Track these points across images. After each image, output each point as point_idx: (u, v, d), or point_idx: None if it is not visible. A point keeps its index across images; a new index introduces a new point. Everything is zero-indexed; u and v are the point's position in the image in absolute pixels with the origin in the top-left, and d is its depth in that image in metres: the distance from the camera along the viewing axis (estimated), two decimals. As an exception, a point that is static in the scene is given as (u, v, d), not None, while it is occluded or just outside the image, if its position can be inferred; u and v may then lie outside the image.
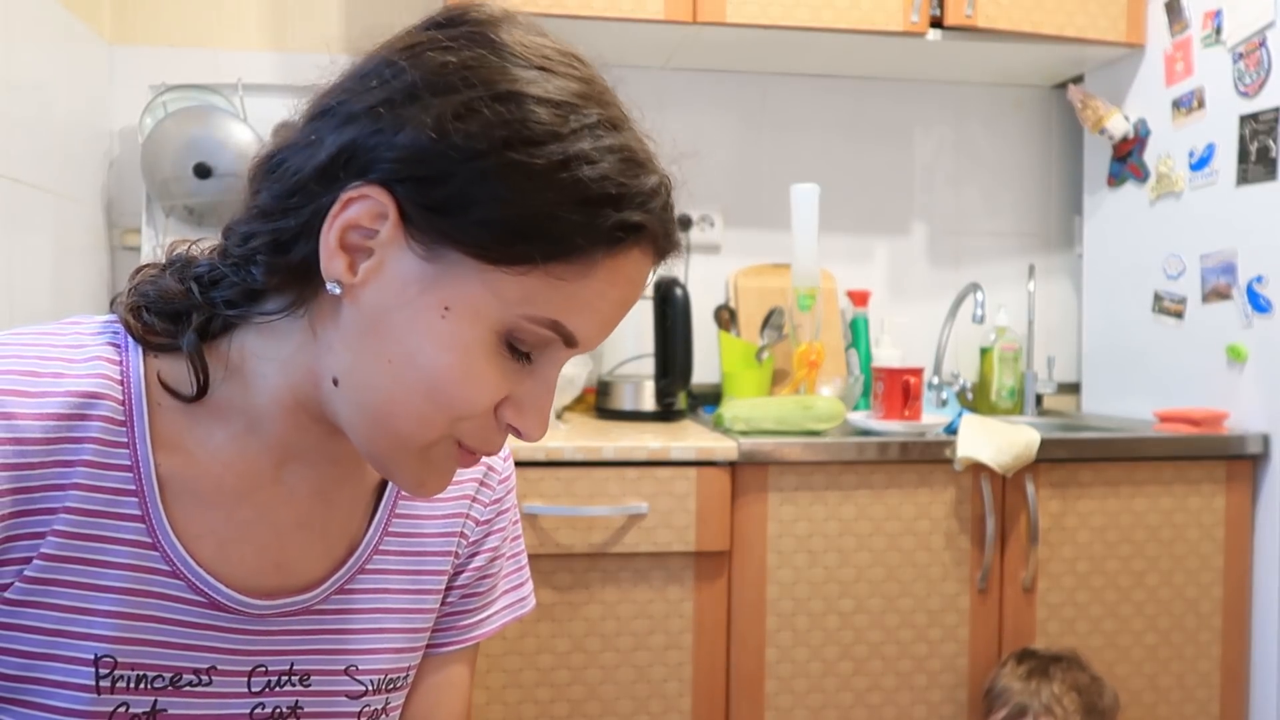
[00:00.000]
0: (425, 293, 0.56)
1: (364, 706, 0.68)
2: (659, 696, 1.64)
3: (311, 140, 0.59)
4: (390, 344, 0.57)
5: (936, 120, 2.39)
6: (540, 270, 0.56)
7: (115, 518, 0.59)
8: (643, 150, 0.60)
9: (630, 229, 0.57)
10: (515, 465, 1.69)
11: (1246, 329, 1.85)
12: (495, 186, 0.54)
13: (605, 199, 0.56)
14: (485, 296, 0.56)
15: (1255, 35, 1.83)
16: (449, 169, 0.55)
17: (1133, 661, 1.78)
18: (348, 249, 0.57)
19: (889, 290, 2.36)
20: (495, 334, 0.57)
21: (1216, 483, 1.80)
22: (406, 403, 0.58)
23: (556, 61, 0.59)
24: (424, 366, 0.57)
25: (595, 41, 2.42)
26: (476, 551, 0.77)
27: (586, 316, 0.58)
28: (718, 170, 2.31)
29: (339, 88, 0.60)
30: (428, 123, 0.55)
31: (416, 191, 0.55)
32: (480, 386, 0.58)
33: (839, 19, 1.94)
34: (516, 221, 0.55)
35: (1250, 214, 1.84)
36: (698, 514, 1.63)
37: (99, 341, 0.62)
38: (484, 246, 0.55)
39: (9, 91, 1.57)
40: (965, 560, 1.72)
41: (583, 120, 0.57)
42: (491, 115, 0.55)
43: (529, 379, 0.60)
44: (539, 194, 0.54)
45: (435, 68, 0.56)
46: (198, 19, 2.12)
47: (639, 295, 0.61)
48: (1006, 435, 1.70)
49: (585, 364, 1.86)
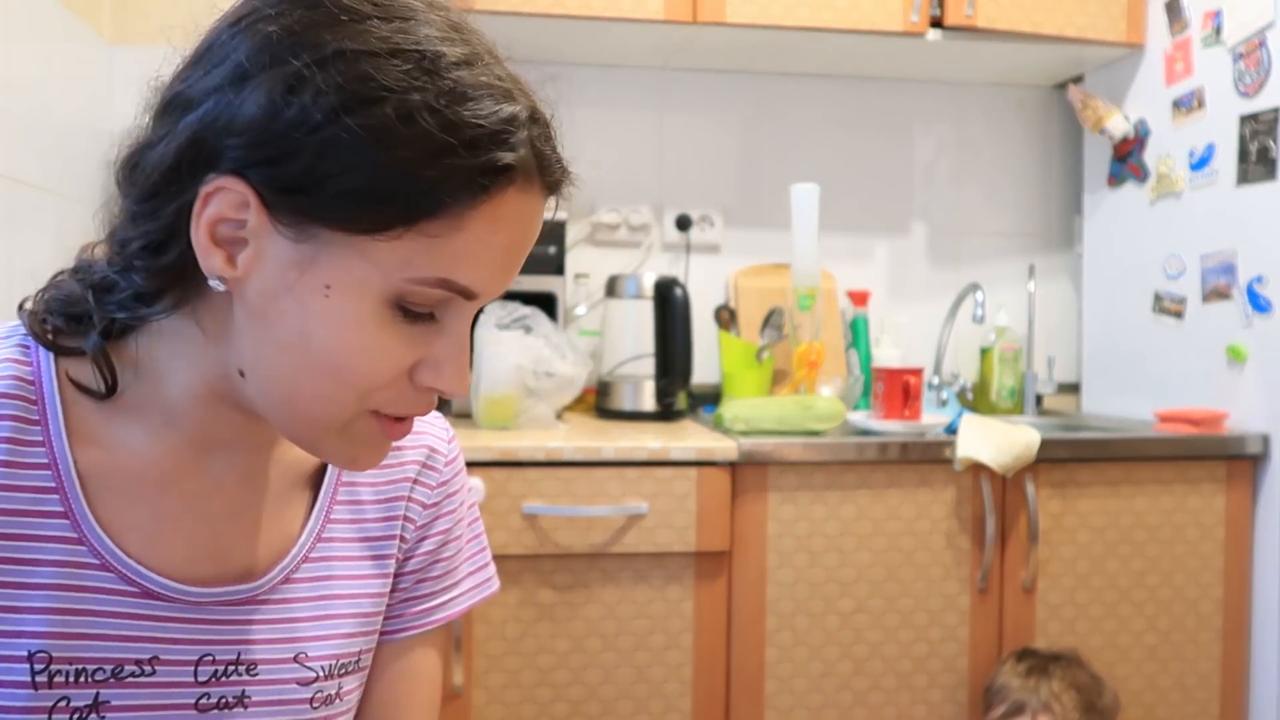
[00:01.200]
0: (304, 275, 0.55)
1: (316, 692, 0.68)
2: (659, 696, 1.64)
3: (161, 136, 0.57)
4: (282, 331, 0.56)
5: (937, 120, 2.39)
6: (412, 231, 0.54)
7: (38, 515, 0.59)
8: (500, 84, 0.56)
9: (495, 171, 0.54)
10: (515, 465, 1.69)
11: (1246, 329, 1.85)
12: (342, 156, 0.52)
13: (460, 145, 0.53)
14: (364, 268, 0.54)
15: (1255, 35, 1.83)
16: (291, 146, 0.53)
17: (1133, 661, 1.78)
18: (221, 243, 0.55)
19: (889, 290, 2.36)
20: (384, 303, 0.55)
21: (1216, 483, 1.80)
22: (311, 385, 0.57)
23: (391, 8, 0.55)
24: (319, 349, 0.56)
25: (595, 41, 2.41)
26: (425, 535, 0.76)
27: (475, 268, 0.56)
28: (718, 170, 2.31)
29: (179, 75, 0.59)
30: (262, 101, 0.53)
31: (268, 175, 0.53)
32: (380, 358, 0.56)
33: (839, 19, 1.94)
34: (372, 187, 0.52)
35: (1250, 214, 1.84)
36: (698, 514, 1.63)
37: (7, 344, 0.62)
38: (347, 219, 0.53)
39: (9, 91, 1.57)
40: (965, 560, 1.72)
41: (426, 64, 0.53)
42: (322, 82, 0.52)
43: (438, 338, 0.58)
44: (387, 154, 0.52)
45: (261, 40, 0.54)
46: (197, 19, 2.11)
47: (531, 235, 0.59)
48: (1006, 435, 1.70)
49: (585, 364, 1.86)
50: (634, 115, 2.25)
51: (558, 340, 1.85)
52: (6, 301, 1.57)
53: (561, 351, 1.83)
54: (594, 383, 2.10)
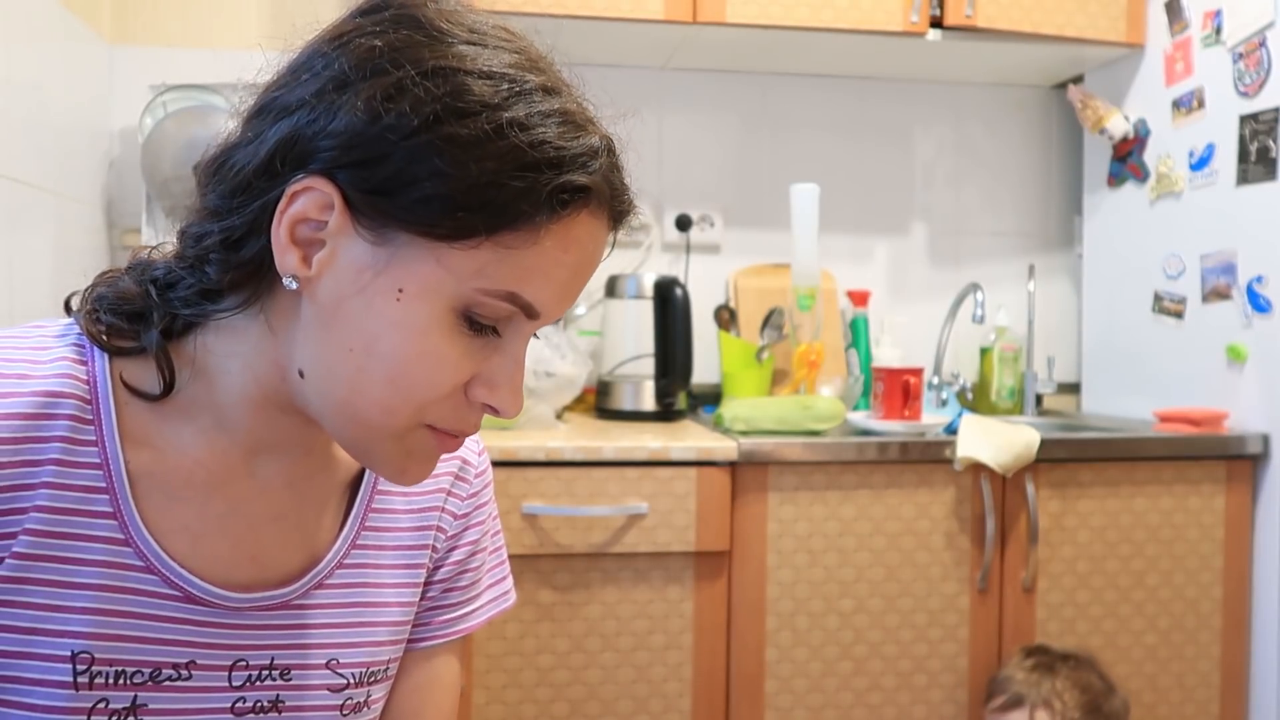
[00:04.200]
0: (378, 277, 0.56)
1: (346, 699, 0.69)
2: (659, 696, 1.64)
3: (252, 137, 0.59)
4: (350, 333, 0.57)
5: (936, 120, 2.39)
6: (489, 242, 0.56)
7: (87, 515, 0.60)
8: (581, 113, 0.59)
9: (574, 190, 0.57)
10: (515, 465, 1.69)
11: (1246, 329, 1.85)
12: (432, 162, 0.54)
13: (544, 163, 0.55)
14: (438, 274, 0.56)
15: (1255, 35, 1.83)
16: (385, 150, 0.55)
17: (1133, 661, 1.78)
18: (299, 243, 0.57)
19: (889, 290, 2.36)
20: (452, 311, 0.57)
21: (1216, 483, 1.80)
22: (371, 391, 0.58)
23: (486, 35, 0.59)
24: (384, 353, 0.57)
25: (595, 41, 2.41)
26: (455, 546, 0.77)
27: (542, 285, 0.58)
28: (718, 170, 2.31)
29: (274, 84, 0.60)
30: (360, 107, 0.55)
31: (357, 177, 0.55)
32: (442, 367, 0.57)
33: (839, 19, 1.94)
34: (457, 194, 0.55)
35: (1250, 214, 1.84)
36: (698, 514, 1.63)
37: (63, 343, 0.63)
38: (429, 223, 0.55)
39: (9, 91, 1.57)
40: (965, 560, 1.72)
41: (515, 88, 0.56)
42: (422, 92, 0.55)
43: (496, 355, 0.60)
44: (476, 164, 0.54)
45: (363, 53, 0.57)
46: (198, 19, 2.12)
47: (596, 260, 0.61)
48: (1006, 435, 1.70)
49: (585, 364, 1.86)
50: (634, 115, 2.25)
51: (558, 340, 1.85)
52: (6, 301, 1.57)
53: (561, 351, 1.83)
54: (594, 383, 2.10)
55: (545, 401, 1.80)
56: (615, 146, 0.62)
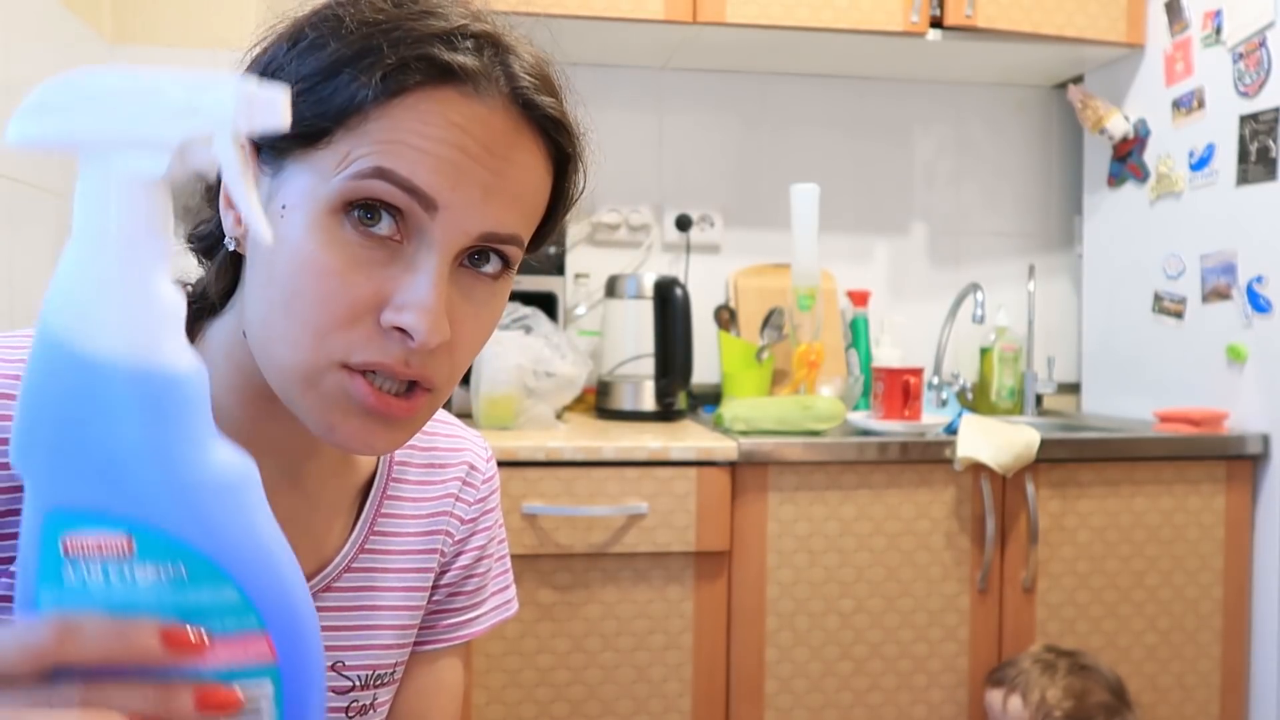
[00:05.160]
0: (271, 207, 0.57)
1: (351, 702, 0.69)
2: (659, 696, 1.64)
3: None
4: (261, 275, 0.57)
5: (936, 120, 2.39)
6: (342, 129, 0.54)
7: None
8: (464, 13, 0.58)
9: (425, 64, 0.55)
10: (515, 465, 1.69)
11: (1246, 329, 1.85)
12: (286, 73, 0.56)
13: (389, 45, 0.55)
14: (310, 179, 0.55)
15: (1255, 35, 1.83)
16: (266, 75, 0.57)
17: (1133, 661, 1.78)
18: (233, 205, 0.59)
19: (889, 290, 2.36)
20: (330, 209, 0.54)
21: (1216, 483, 1.80)
22: (275, 326, 0.56)
23: None
24: (277, 279, 0.55)
25: (595, 41, 2.40)
26: (462, 550, 0.77)
27: (416, 161, 0.54)
28: (718, 170, 2.31)
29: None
30: (259, 51, 0.59)
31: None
32: (328, 278, 0.54)
33: (839, 19, 1.94)
34: (304, 92, 0.55)
35: (1250, 214, 1.84)
36: (698, 514, 1.63)
37: None
38: (290, 134, 0.53)
39: (9, 91, 1.57)
40: (965, 560, 1.72)
41: (393, 3, 0.57)
42: (306, 25, 0.58)
43: (406, 271, 0.55)
44: (315, 61, 0.56)
45: (289, 25, 0.60)
46: (198, 19, 2.12)
47: (491, 147, 0.56)
48: (1006, 435, 1.70)
49: (585, 364, 1.86)
50: (634, 115, 2.26)
51: (558, 340, 1.85)
52: (7, 301, 1.57)
53: (561, 351, 1.83)
54: (594, 383, 2.10)
55: (545, 401, 1.80)
56: (510, 45, 0.58)
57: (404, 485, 0.74)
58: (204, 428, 0.44)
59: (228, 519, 0.44)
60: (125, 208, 0.42)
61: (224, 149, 0.43)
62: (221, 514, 0.44)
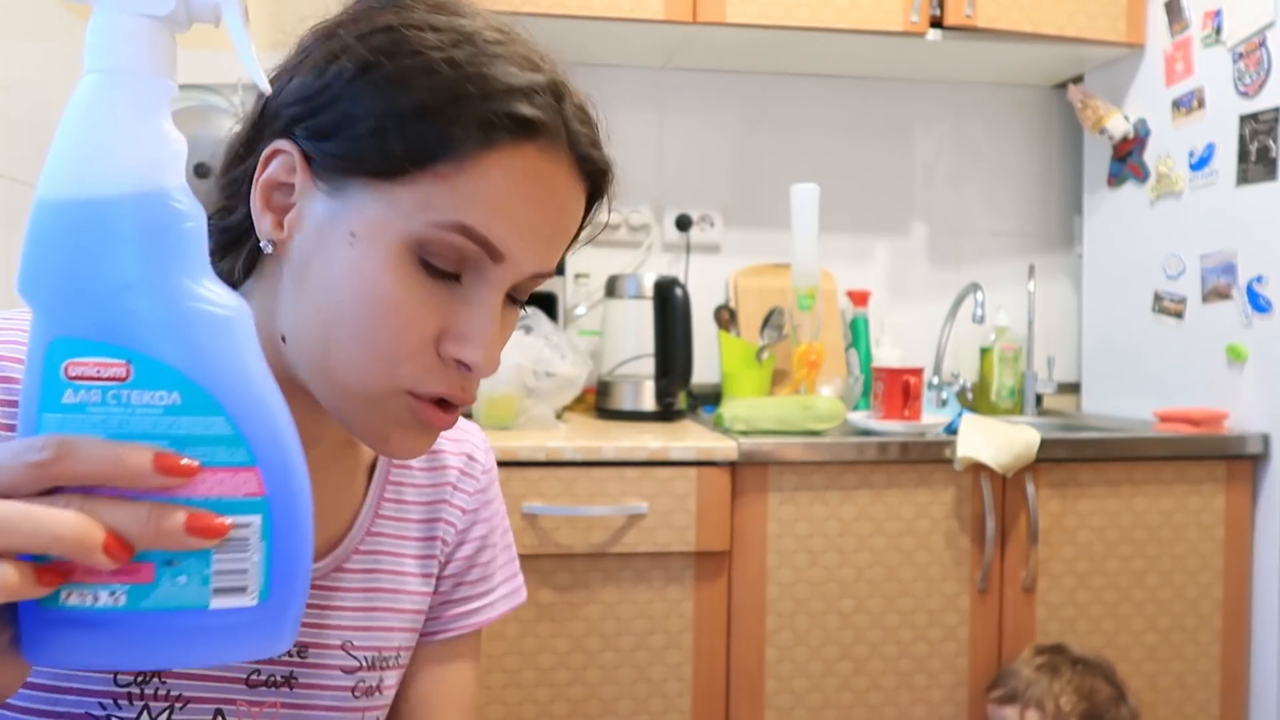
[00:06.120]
0: (335, 228, 0.57)
1: (358, 681, 0.70)
2: (659, 696, 1.64)
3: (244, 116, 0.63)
4: (317, 290, 0.58)
5: (936, 120, 2.39)
6: (428, 174, 0.56)
7: None
8: (530, 58, 0.59)
9: (512, 120, 0.56)
10: (515, 465, 1.69)
11: (1246, 329, 1.85)
12: (365, 103, 0.56)
13: (477, 94, 0.56)
14: (384, 212, 0.56)
15: (1255, 35, 1.83)
16: (328, 99, 0.57)
17: (1133, 661, 1.78)
18: (273, 208, 0.59)
19: (889, 290, 2.36)
20: (404, 250, 0.56)
21: (1216, 483, 1.80)
22: (341, 349, 0.57)
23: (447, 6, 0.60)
24: (345, 304, 0.57)
25: (595, 41, 2.40)
26: (463, 540, 0.78)
27: (492, 217, 0.56)
28: (718, 170, 2.31)
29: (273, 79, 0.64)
30: (310, 68, 0.59)
31: (307, 129, 0.58)
32: (399, 314, 0.56)
33: (839, 19, 1.94)
34: (389, 128, 0.55)
35: (1250, 214, 1.84)
36: (698, 514, 1.63)
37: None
38: (366, 160, 0.56)
39: (9, 91, 1.57)
40: (965, 560, 1.72)
41: (457, 35, 0.58)
42: (363, 48, 0.57)
43: (464, 306, 0.58)
44: (405, 97, 0.56)
45: (327, 29, 0.60)
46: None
47: (556, 202, 0.59)
48: (1006, 435, 1.70)
49: (585, 364, 1.86)
50: (634, 115, 2.26)
51: (558, 340, 1.85)
52: (6, 301, 1.57)
53: (561, 351, 1.83)
54: (594, 383, 2.10)
55: (545, 401, 1.80)
56: (572, 92, 0.60)
57: (406, 472, 0.76)
58: (201, 265, 0.45)
59: (221, 353, 0.44)
60: (133, 43, 0.44)
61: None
62: (215, 348, 0.44)
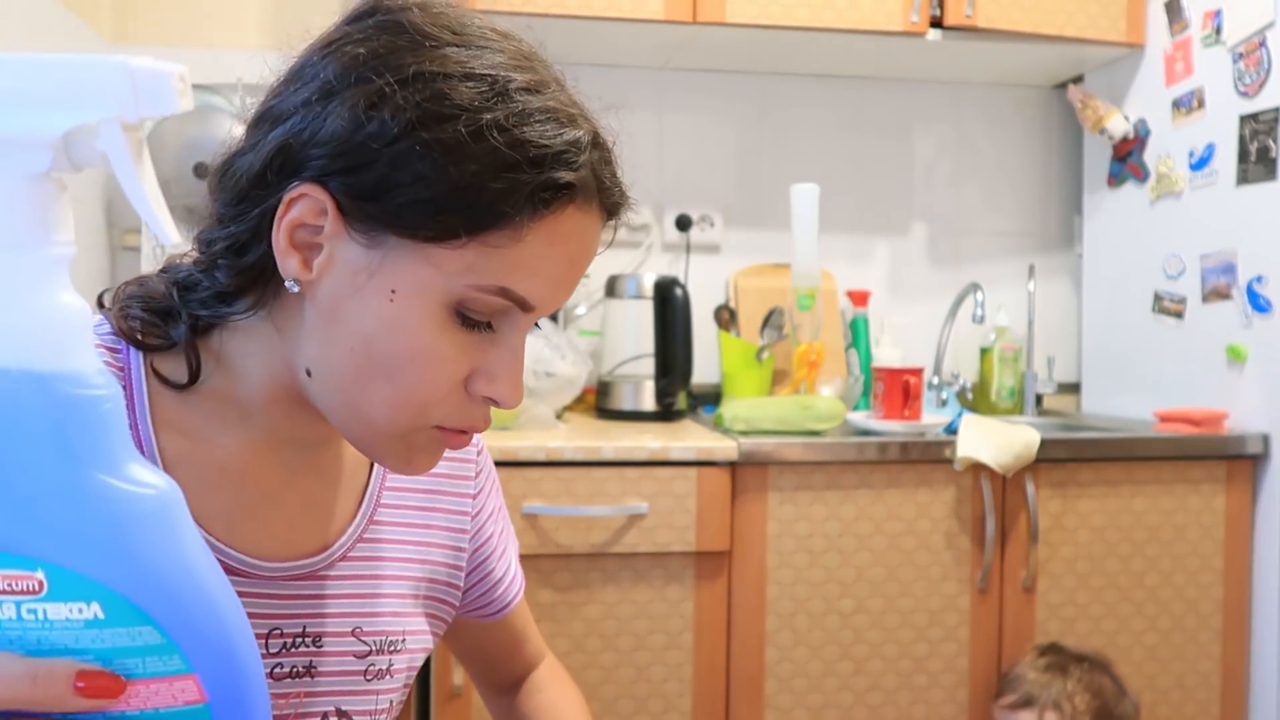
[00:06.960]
0: (372, 279, 0.58)
1: (369, 665, 0.71)
2: (659, 696, 1.64)
3: (250, 145, 0.61)
4: (349, 334, 0.59)
5: (936, 120, 2.39)
6: (475, 241, 0.57)
7: None
8: (565, 109, 0.60)
9: (556, 188, 0.57)
10: (515, 465, 1.69)
11: (1246, 329, 1.85)
12: (413, 167, 0.56)
13: (525, 162, 0.56)
14: (428, 273, 0.57)
15: (1255, 35, 1.83)
16: (369, 157, 0.56)
17: (1133, 661, 1.78)
18: (298, 247, 0.59)
19: (889, 290, 2.36)
20: (444, 308, 0.58)
21: (1216, 483, 1.80)
22: (374, 391, 0.59)
23: (471, 36, 0.60)
24: (382, 353, 0.58)
25: (595, 41, 2.40)
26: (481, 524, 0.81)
27: (533, 279, 0.59)
28: (718, 170, 2.31)
29: (273, 91, 0.62)
30: (345, 115, 0.57)
31: (345, 183, 0.57)
32: (439, 364, 0.59)
33: (839, 19, 1.94)
34: (439, 198, 0.56)
35: (1250, 214, 1.84)
36: (698, 514, 1.63)
37: (100, 331, 0.65)
38: (414, 226, 0.56)
39: (9, 91, 1.57)
40: (965, 560, 1.72)
41: (497, 88, 0.57)
42: (401, 99, 0.56)
43: (494, 348, 0.61)
44: (456, 168, 0.56)
45: (348, 61, 0.58)
46: (198, 19, 2.11)
47: (588, 253, 0.62)
48: (1006, 435, 1.70)
49: (585, 364, 1.86)
50: (634, 115, 2.25)
51: (558, 340, 1.85)
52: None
53: (561, 351, 1.83)
54: (594, 383, 2.10)
55: (545, 401, 1.80)
56: (603, 139, 0.62)
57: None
58: (118, 450, 0.41)
59: (146, 553, 0.41)
60: (13, 209, 0.39)
61: (111, 138, 0.39)
62: (139, 548, 0.40)
